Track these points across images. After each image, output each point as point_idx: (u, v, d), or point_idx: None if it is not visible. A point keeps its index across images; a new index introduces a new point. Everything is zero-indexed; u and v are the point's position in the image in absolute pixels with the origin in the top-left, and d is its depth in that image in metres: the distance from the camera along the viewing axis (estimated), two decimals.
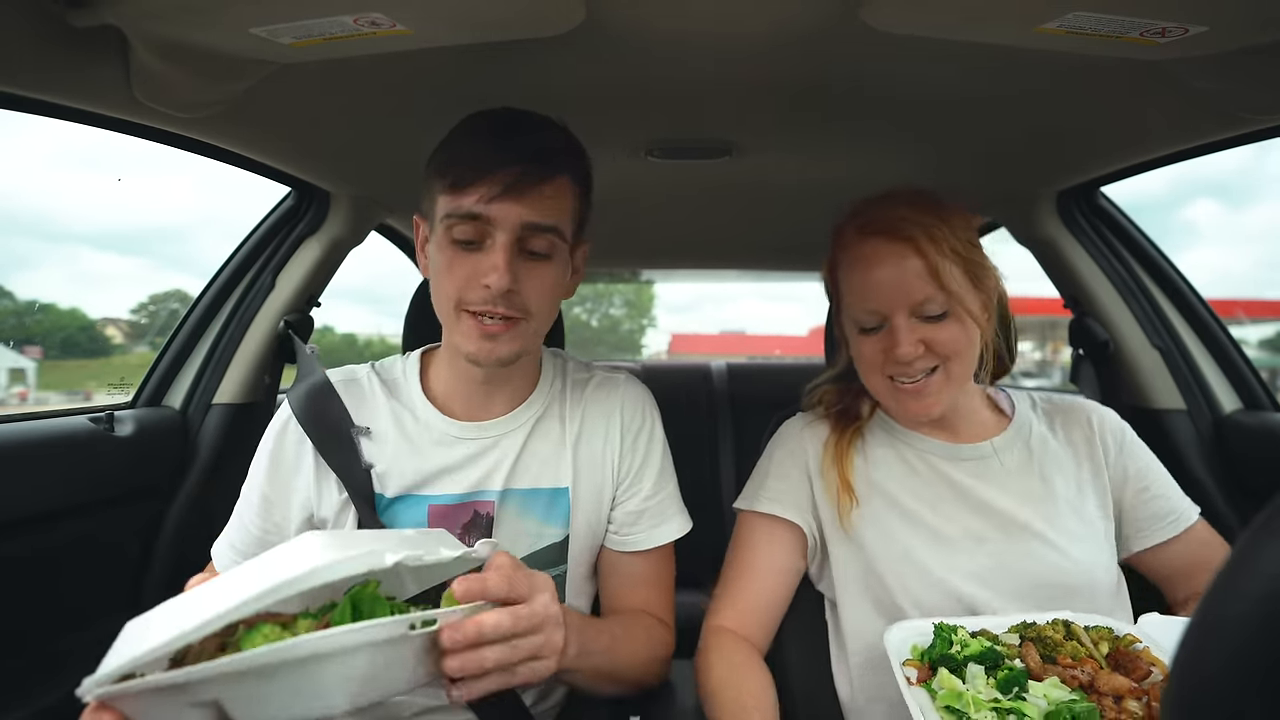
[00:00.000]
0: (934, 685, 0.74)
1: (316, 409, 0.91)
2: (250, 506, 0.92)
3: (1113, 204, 1.47)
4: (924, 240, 0.87)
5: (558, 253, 0.85)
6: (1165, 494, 0.97)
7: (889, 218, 0.89)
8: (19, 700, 1.10)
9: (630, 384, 1.02)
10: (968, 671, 0.74)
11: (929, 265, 0.86)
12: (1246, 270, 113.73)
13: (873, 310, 0.90)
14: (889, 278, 0.88)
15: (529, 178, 0.79)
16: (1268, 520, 0.32)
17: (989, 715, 0.69)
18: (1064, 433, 1.00)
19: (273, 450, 0.91)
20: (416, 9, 0.73)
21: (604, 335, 28.71)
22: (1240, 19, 0.71)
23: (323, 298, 1.66)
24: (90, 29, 0.76)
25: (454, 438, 0.91)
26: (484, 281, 0.80)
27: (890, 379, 0.92)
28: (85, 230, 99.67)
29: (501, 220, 0.80)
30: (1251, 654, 0.30)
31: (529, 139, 0.82)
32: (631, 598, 0.98)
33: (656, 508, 0.97)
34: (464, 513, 0.90)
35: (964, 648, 0.76)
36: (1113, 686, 0.71)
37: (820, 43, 0.87)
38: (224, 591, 0.52)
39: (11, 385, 10.41)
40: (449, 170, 0.82)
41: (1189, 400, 1.40)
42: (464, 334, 0.84)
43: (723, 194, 1.58)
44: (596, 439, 0.96)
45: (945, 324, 0.88)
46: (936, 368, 0.90)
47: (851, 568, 0.95)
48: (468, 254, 0.82)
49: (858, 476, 0.97)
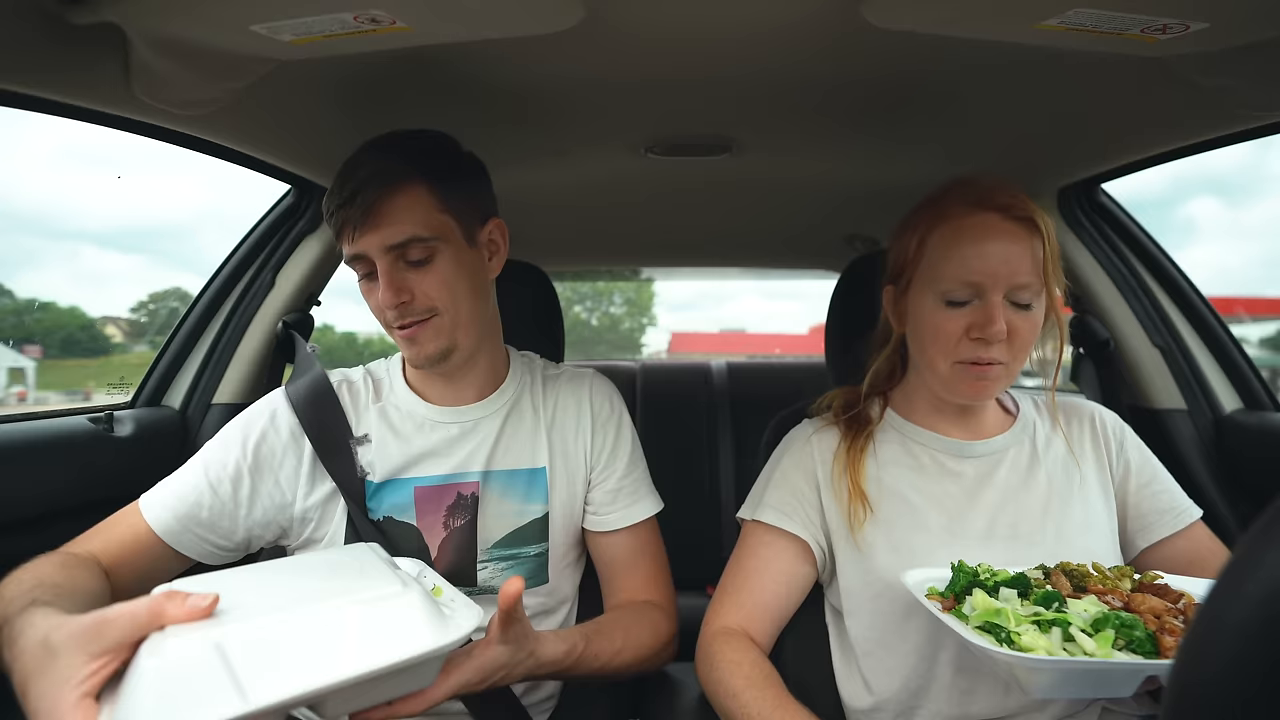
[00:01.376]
0: (965, 610, 0.72)
1: (319, 415, 0.96)
2: (217, 469, 0.92)
3: (1114, 201, 1.47)
4: (1041, 226, 0.87)
5: (440, 252, 0.90)
6: (1168, 489, 0.97)
7: (1007, 195, 0.88)
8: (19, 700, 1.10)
9: (597, 378, 1.10)
10: (1001, 594, 0.73)
11: (1039, 253, 0.86)
12: (1246, 267, 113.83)
13: (971, 282, 0.87)
14: (999, 252, 0.86)
15: (371, 203, 0.86)
16: (1269, 523, 0.32)
17: (1030, 629, 0.67)
18: (1067, 431, 1.00)
19: (262, 434, 0.94)
20: (417, 5, 0.73)
21: (604, 334, 28.70)
22: (1241, 15, 0.71)
23: (323, 296, 1.66)
24: (89, 26, 0.75)
25: (434, 422, 0.98)
26: (382, 305, 0.89)
27: (957, 361, 0.89)
28: (89, 228, 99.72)
29: (371, 250, 0.88)
30: (1252, 657, 0.30)
31: (364, 171, 0.87)
32: (629, 580, 1.04)
33: (630, 487, 1.04)
34: (448, 494, 0.96)
35: (993, 576, 0.76)
36: (1149, 606, 0.69)
37: (821, 39, 0.87)
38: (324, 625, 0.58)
39: (11, 385, 10.41)
40: (330, 224, 0.90)
41: (1189, 400, 1.40)
42: (402, 346, 0.94)
43: (723, 191, 1.58)
44: (569, 426, 1.04)
45: (1029, 316, 0.88)
46: (1005, 364, 0.88)
47: (860, 576, 0.94)
48: (371, 285, 0.91)
49: (869, 481, 0.96)
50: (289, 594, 0.62)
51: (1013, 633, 0.67)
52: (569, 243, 2.20)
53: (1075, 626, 0.67)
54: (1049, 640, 0.66)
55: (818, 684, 0.99)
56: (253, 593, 0.62)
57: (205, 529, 0.91)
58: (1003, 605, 0.70)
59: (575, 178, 1.51)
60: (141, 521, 0.89)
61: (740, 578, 0.97)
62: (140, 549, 0.88)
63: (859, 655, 0.94)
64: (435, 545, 0.95)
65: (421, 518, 0.95)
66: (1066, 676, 0.65)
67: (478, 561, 0.96)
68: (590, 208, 1.80)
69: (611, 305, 29.85)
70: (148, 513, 0.90)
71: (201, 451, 0.95)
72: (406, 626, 0.60)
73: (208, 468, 0.92)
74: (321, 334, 1.86)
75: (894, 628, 0.91)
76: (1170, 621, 0.67)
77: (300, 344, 1.15)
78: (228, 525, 0.92)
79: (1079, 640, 0.66)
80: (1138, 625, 0.66)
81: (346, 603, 0.59)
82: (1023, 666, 0.65)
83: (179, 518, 0.90)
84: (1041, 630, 0.67)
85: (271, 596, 0.61)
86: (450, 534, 0.95)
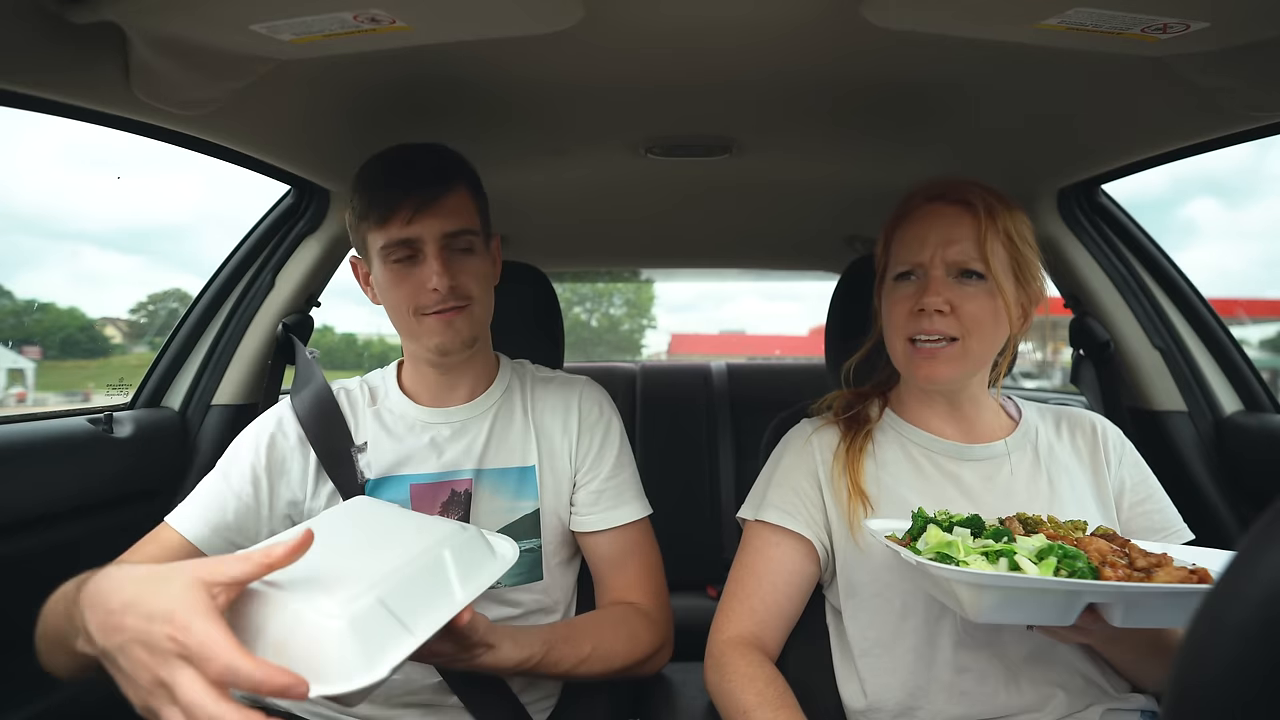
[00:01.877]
0: (918, 545, 0.76)
1: (323, 427, 1.01)
2: (237, 474, 0.97)
3: (1114, 202, 1.47)
4: (982, 210, 0.91)
5: (477, 247, 0.99)
6: (1162, 509, 0.97)
7: (958, 188, 0.94)
8: (19, 700, 1.10)
9: (589, 384, 1.14)
10: (954, 532, 0.77)
11: (979, 231, 0.90)
12: (1245, 269, 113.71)
13: (913, 260, 0.93)
14: (938, 229, 0.92)
15: (434, 194, 0.94)
16: (1269, 524, 0.32)
17: (979, 558, 0.70)
18: (1069, 439, 1.00)
19: (271, 438, 1.01)
20: (417, 5, 0.73)
21: (603, 335, 28.69)
22: (1241, 15, 0.71)
23: (323, 297, 1.66)
24: (89, 25, 0.75)
25: (425, 423, 1.04)
26: (430, 286, 0.94)
27: (910, 341, 0.93)
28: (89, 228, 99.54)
29: (426, 234, 0.94)
30: (1252, 658, 0.30)
31: (424, 163, 0.96)
32: (616, 581, 1.07)
33: (614, 489, 1.07)
34: (442, 491, 1.01)
35: (950, 518, 0.79)
36: (1095, 547, 0.72)
37: (821, 39, 0.87)
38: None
39: (10, 386, 10.41)
40: (370, 211, 0.95)
41: (1189, 401, 1.40)
42: (428, 331, 0.97)
43: (723, 192, 1.58)
44: (556, 427, 1.07)
45: (976, 293, 0.90)
46: (956, 339, 0.91)
47: (859, 576, 0.94)
48: (408, 270, 0.96)
49: (869, 481, 0.96)
50: (383, 550, 0.72)
51: (960, 561, 0.70)
52: (568, 243, 2.20)
53: (1021, 556, 0.69)
54: (996, 569, 0.69)
55: (819, 685, 0.98)
56: (342, 553, 0.70)
57: (234, 532, 0.96)
58: (953, 539, 0.73)
59: (575, 178, 1.51)
60: (173, 535, 0.94)
61: (751, 581, 0.97)
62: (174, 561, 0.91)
63: (857, 656, 0.94)
64: None
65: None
66: (1007, 597, 0.68)
67: None
68: (590, 208, 1.80)
69: (611, 307, 29.84)
70: (179, 525, 0.95)
71: (218, 465, 1.00)
72: (486, 557, 0.79)
73: (227, 475, 0.98)
74: (321, 335, 1.86)
75: (891, 628, 0.91)
76: (1113, 559, 0.70)
77: (300, 350, 1.19)
78: (253, 526, 0.97)
79: (1024, 568, 0.68)
80: (1081, 557, 0.69)
81: (439, 548, 0.73)
82: (964, 582, 0.68)
83: (210, 525, 0.95)
84: (989, 561, 0.70)
85: (366, 553, 0.71)
86: None
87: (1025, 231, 0.94)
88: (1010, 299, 0.91)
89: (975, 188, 0.93)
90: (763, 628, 0.94)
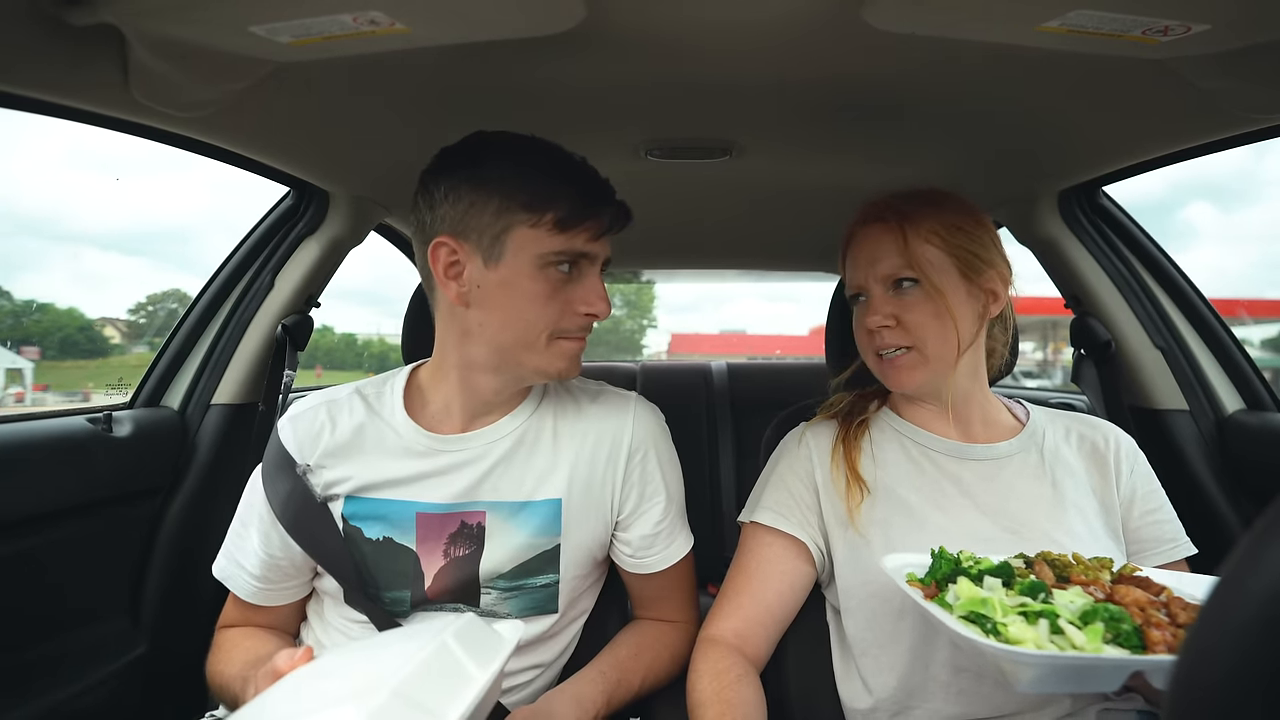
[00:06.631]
0: (948, 598, 0.70)
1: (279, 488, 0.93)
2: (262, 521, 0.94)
3: (1114, 203, 1.47)
4: (902, 221, 0.93)
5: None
6: (1170, 520, 0.96)
7: (876, 206, 0.97)
8: (19, 700, 1.10)
9: (640, 404, 1.02)
10: (985, 583, 0.71)
11: (900, 242, 0.93)
12: (1246, 270, 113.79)
13: (856, 283, 0.98)
14: (865, 249, 0.96)
15: (621, 221, 0.89)
16: (1270, 523, 0.32)
17: (1017, 619, 0.65)
18: (1078, 445, 0.99)
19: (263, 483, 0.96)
20: (416, 7, 0.73)
21: (604, 335, 28.67)
22: (1242, 17, 0.71)
23: (322, 298, 1.66)
24: (88, 27, 0.75)
25: (433, 447, 0.93)
26: (587, 310, 0.88)
27: (878, 355, 0.97)
28: (90, 230, 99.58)
29: (598, 255, 0.89)
30: (1255, 657, 0.30)
31: (606, 182, 0.90)
32: (661, 609, 1.05)
33: (668, 529, 1.00)
34: (451, 523, 0.92)
35: (976, 563, 0.75)
36: (1133, 598, 0.68)
37: (821, 42, 0.86)
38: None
39: (9, 386, 10.41)
40: (549, 208, 0.83)
41: (1191, 400, 1.40)
42: (557, 355, 0.89)
43: (723, 194, 1.58)
44: (598, 457, 0.96)
45: (915, 300, 0.93)
46: (911, 348, 0.93)
47: (857, 575, 0.94)
48: (563, 286, 0.87)
49: (866, 476, 0.97)
50: (379, 652, 0.70)
51: (999, 623, 0.65)
52: None
53: (1064, 619, 0.65)
54: (1036, 632, 0.64)
55: (819, 685, 0.98)
56: (336, 672, 0.69)
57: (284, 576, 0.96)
58: (988, 595, 0.68)
59: None
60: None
61: (741, 580, 0.98)
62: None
63: (856, 655, 0.95)
64: (431, 572, 0.92)
65: (421, 543, 0.92)
66: (1055, 671, 0.63)
67: (481, 589, 0.93)
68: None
69: (612, 307, 29.80)
70: (231, 583, 0.97)
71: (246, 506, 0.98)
72: (491, 637, 0.72)
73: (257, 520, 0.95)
74: (321, 335, 1.85)
75: (888, 627, 0.91)
76: (1155, 615, 0.66)
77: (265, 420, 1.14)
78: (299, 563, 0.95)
79: (1068, 633, 0.63)
80: (1125, 619, 0.64)
81: (441, 634, 0.68)
82: (1011, 660, 0.62)
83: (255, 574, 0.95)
84: (1029, 621, 0.65)
85: (362, 662, 0.69)
86: (450, 562, 0.92)
87: (960, 222, 0.94)
88: (955, 295, 0.92)
89: (894, 200, 0.96)
90: (749, 625, 0.94)
